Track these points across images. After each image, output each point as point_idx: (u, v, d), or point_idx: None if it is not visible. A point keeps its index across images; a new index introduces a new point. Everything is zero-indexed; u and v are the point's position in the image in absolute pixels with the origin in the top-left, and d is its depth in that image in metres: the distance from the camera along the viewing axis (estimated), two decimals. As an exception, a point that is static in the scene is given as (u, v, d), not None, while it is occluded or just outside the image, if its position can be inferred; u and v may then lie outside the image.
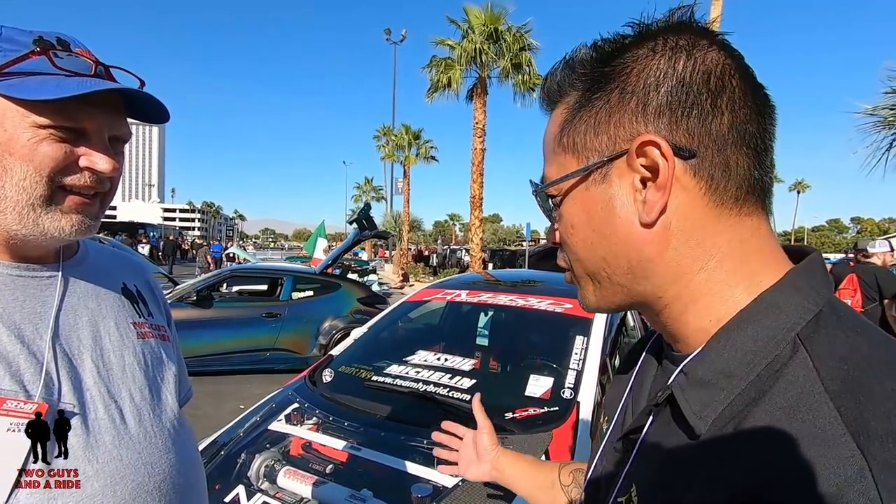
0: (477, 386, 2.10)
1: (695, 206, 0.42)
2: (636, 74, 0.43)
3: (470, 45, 14.21)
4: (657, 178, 0.42)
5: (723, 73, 0.42)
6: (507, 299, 2.68)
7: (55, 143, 0.62)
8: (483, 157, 15.15)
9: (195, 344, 5.73)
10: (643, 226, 0.43)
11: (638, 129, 0.43)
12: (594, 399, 1.90)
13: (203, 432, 2.43)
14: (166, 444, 0.74)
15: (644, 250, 0.44)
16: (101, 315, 0.73)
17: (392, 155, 26.23)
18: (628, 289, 0.46)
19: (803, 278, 0.42)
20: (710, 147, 0.42)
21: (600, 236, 0.45)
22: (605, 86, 0.44)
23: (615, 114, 0.44)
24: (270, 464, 1.66)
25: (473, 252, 15.65)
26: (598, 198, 0.45)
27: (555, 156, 0.49)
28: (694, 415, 0.41)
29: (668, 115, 0.42)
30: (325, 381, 2.32)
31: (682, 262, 0.43)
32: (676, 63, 0.42)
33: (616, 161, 0.44)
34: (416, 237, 36.28)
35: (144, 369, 0.75)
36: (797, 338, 0.39)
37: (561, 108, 0.49)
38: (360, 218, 7.21)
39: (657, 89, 0.42)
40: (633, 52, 0.44)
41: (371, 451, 1.70)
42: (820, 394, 0.35)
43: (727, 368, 0.40)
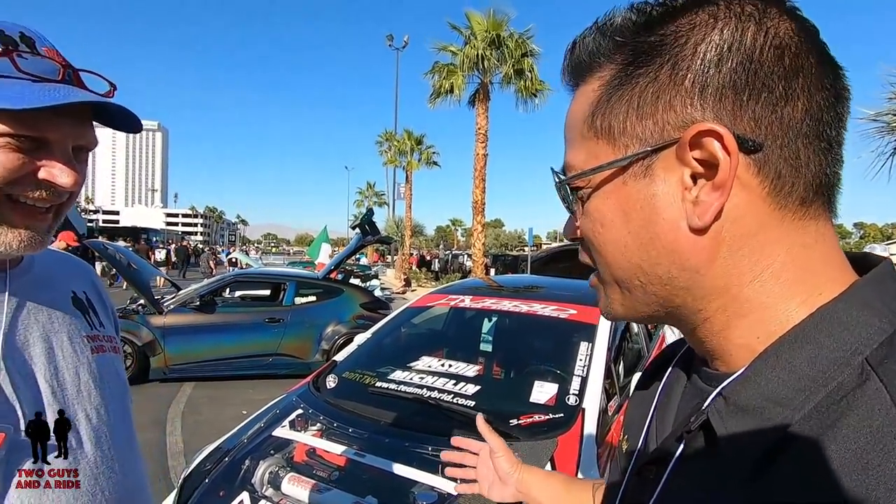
0: (481, 392, 2.09)
1: (755, 208, 0.36)
2: (692, 46, 0.36)
3: (472, 51, 14.29)
4: (715, 176, 0.35)
5: (798, 49, 0.35)
6: (511, 305, 2.67)
7: (11, 153, 0.56)
8: (485, 162, 15.18)
9: (198, 349, 5.74)
10: (692, 231, 0.36)
11: (693, 115, 0.35)
12: (599, 405, 1.89)
13: (205, 438, 2.43)
14: (123, 468, 0.70)
15: (690, 259, 0.37)
16: (52, 329, 0.67)
17: (394, 160, 26.30)
18: (664, 300, 0.40)
19: (873, 291, 0.35)
20: (779, 139, 0.35)
21: (637, 240, 0.38)
22: (652, 59, 0.37)
23: (664, 94, 0.36)
24: (275, 470, 1.66)
25: (475, 257, 15.65)
26: (638, 195, 0.38)
27: (584, 141, 0.41)
28: (735, 447, 0.35)
29: (732, 99, 0.35)
30: (329, 387, 2.31)
31: (731, 272, 0.37)
32: (744, 34, 0.35)
33: (663, 152, 0.37)
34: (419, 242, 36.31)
35: (100, 387, 0.70)
36: (865, 362, 0.32)
37: (592, 83, 0.41)
38: (364, 223, 7.22)
39: (719, 66, 0.35)
40: (689, 18, 0.36)
41: (375, 457, 1.69)
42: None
43: (777, 395, 0.34)
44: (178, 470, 3.56)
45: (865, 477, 0.28)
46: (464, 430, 1.84)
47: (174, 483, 3.32)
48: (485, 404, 1.99)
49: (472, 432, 1.81)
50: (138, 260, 6.05)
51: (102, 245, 5.66)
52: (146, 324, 5.63)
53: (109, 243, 5.83)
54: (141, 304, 5.81)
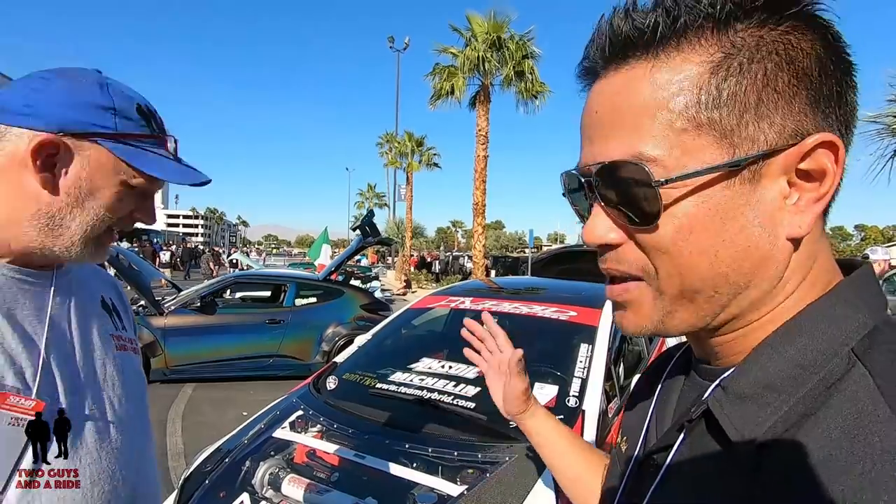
0: (482, 394, 2.09)
1: (819, 219, 0.37)
2: (803, 55, 0.34)
3: (473, 53, 14.31)
4: (821, 186, 0.35)
5: (848, 61, 0.36)
6: (511, 307, 2.67)
7: (132, 197, 0.71)
8: (486, 163, 15.19)
9: (198, 350, 5.74)
10: (789, 240, 0.36)
11: (805, 125, 0.35)
12: (599, 407, 1.89)
13: (206, 439, 2.43)
14: (139, 456, 0.77)
15: (779, 268, 0.37)
16: (85, 324, 0.75)
17: (395, 162, 26.34)
18: (723, 310, 0.38)
19: (856, 290, 0.38)
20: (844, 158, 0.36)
21: (731, 248, 0.36)
22: (765, 55, 0.34)
23: (782, 98, 0.34)
24: (275, 471, 1.66)
25: (476, 259, 15.66)
26: (741, 200, 0.36)
27: (673, 132, 0.36)
28: (736, 431, 0.36)
29: (835, 115, 0.35)
30: (329, 389, 2.32)
31: (791, 280, 0.38)
32: (833, 55, 0.35)
33: (774, 157, 0.35)
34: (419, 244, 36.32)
35: (122, 381, 0.78)
36: (852, 352, 0.34)
37: (684, 59, 0.36)
38: (364, 225, 7.23)
39: (822, 81, 0.34)
40: (792, 23, 0.34)
41: (375, 458, 1.69)
42: (885, 414, 0.30)
43: (773, 382, 0.36)
44: (178, 471, 3.56)
45: (852, 450, 0.30)
46: (465, 431, 1.84)
47: (174, 484, 3.32)
48: (485, 406, 1.99)
49: (472, 434, 1.81)
50: (139, 261, 6.06)
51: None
52: (147, 325, 5.63)
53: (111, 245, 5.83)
54: (142, 305, 5.81)
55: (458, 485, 1.54)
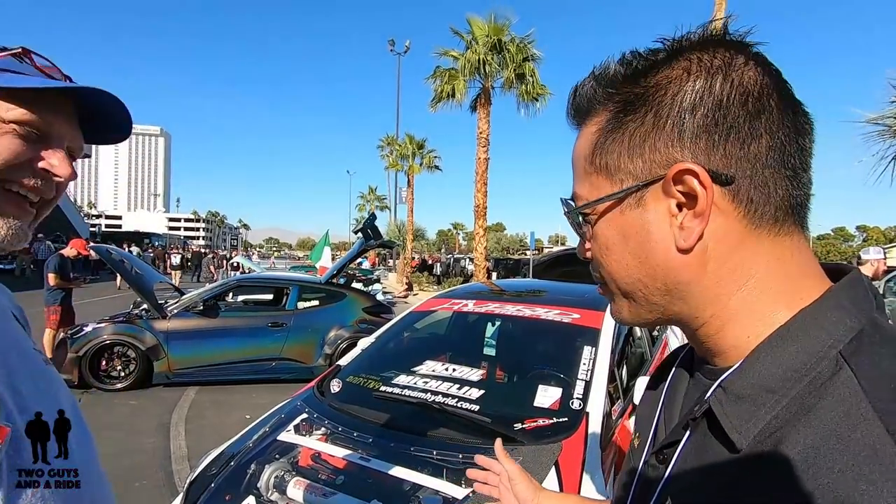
0: (485, 396, 2.10)
1: (732, 229, 0.42)
2: (671, 96, 0.42)
3: (473, 56, 14.34)
4: (696, 206, 0.41)
5: (761, 93, 0.41)
6: (514, 309, 2.68)
7: (15, 139, 0.59)
8: (487, 166, 15.21)
9: (201, 353, 5.75)
10: (680, 251, 0.42)
11: (674, 155, 0.42)
12: (603, 409, 1.89)
13: (209, 442, 2.43)
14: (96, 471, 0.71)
15: (681, 274, 0.43)
16: (15, 339, 0.68)
17: (396, 164, 26.36)
18: (664, 308, 0.46)
19: (845, 295, 0.41)
20: (748, 171, 0.41)
21: (636, 259, 0.45)
22: (639, 107, 0.43)
23: (650, 137, 0.43)
24: (280, 474, 1.66)
25: (477, 261, 15.66)
26: (634, 222, 0.44)
27: (587, 175, 0.48)
28: (734, 430, 0.40)
29: (706, 140, 0.41)
30: (333, 392, 2.32)
31: (719, 283, 0.43)
32: (713, 85, 0.41)
33: (651, 186, 0.43)
34: (420, 246, 36.31)
35: (56, 395, 0.70)
36: (840, 355, 0.38)
37: (591, 126, 0.48)
38: (366, 227, 7.24)
39: (693, 113, 0.41)
40: (667, 71, 0.43)
41: (380, 461, 1.69)
42: (868, 413, 0.34)
43: (767, 384, 0.40)
44: (182, 475, 3.56)
45: (838, 447, 0.34)
46: (469, 433, 1.85)
47: (178, 488, 3.32)
48: (489, 408, 2.00)
49: (477, 436, 1.81)
50: (142, 265, 6.08)
51: (107, 250, 5.69)
52: (150, 328, 5.65)
53: (114, 248, 5.85)
54: (144, 309, 5.83)
55: (463, 487, 1.54)
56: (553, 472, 1.58)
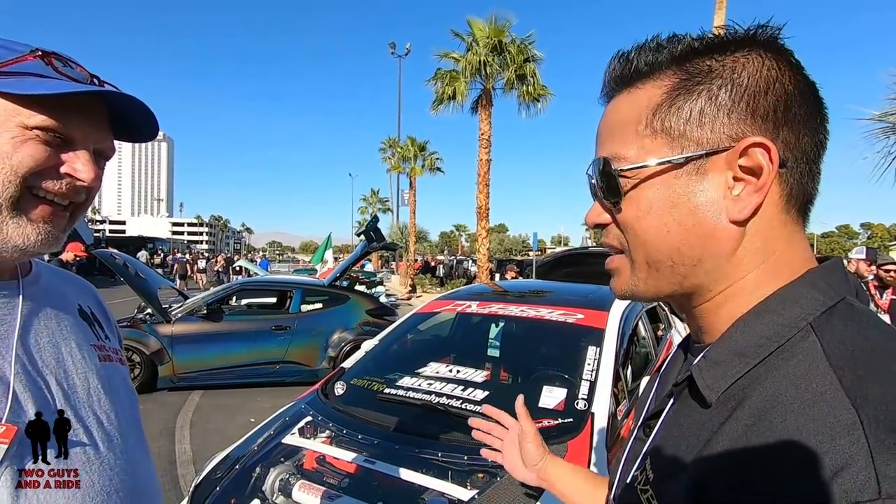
0: (490, 397, 2.09)
1: (772, 211, 0.45)
2: (747, 76, 0.44)
3: (474, 58, 14.34)
4: (758, 180, 0.43)
5: (813, 93, 0.45)
6: (518, 310, 2.67)
7: (39, 145, 0.60)
8: (489, 167, 15.20)
9: (205, 357, 5.76)
10: (732, 222, 0.44)
11: (744, 130, 0.43)
12: (609, 410, 1.89)
13: (214, 446, 2.44)
14: (135, 471, 0.71)
15: (723, 246, 0.45)
16: (62, 336, 0.69)
17: (398, 167, 26.38)
18: (685, 279, 0.47)
19: (821, 276, 0.45)
20: (796, 159, 0.44)
21: (680, 226, 0.45)
22: (713, 80, 0.45)
23: (722, 110, 0.44)
24: (285, 477, 1.66)
25: (480, 262, 15.64)
26: (688, 189, 0.45)
27: (638, 137, 0.47)
28: (707, 387, 0.44)
29: (773, 122, 0.43)
30: (337, 394, 2.32)
31: (744, 260, 0.45)
32: (783, 75, 0.44)
33: (715, 156, 0.44)
34: (423, 248, 36.30)
35: (110, 393, 0.72)
36: (810, 325, 0.41)
37: (651, 87, 0.48)
38: (369, 230, 7.25)
39: (766, 95, 0.43)
40: (743, 53, 0.45)
41: (385, 464, 1.69)
42: (824, 366, 0.38)
43: (741, 349, 0.43)
44: (187, 478, 3.57)
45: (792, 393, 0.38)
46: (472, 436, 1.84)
47: (184, 492, 3.33)
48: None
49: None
50: (146, 269, 6.09)
51: (110, 254, 5.71)
52: (154, 332, 5.66)
53: (118, 252, 5.87)
54: (149, 313, 5.84)
55: (469, 489, 1.54)
56: (558, 474, 1.58)
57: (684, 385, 0.48)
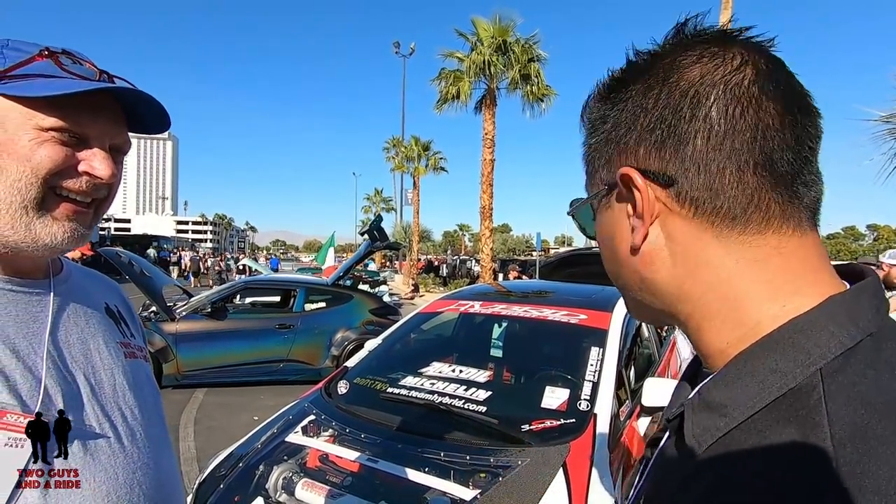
0: (493, 398, 2.10)
1: (685, 228, 0.42)
2: (624, 111, 0.46)
3: (478, 57, 14.32)
4: (638, 206, 0.44)
5: (698, 94, 0.41)
6: (521, 310, 2.67)
7: (56, 146, 0.61)
8: (492, 167, 15.18)
9: (210, 355, 5.78)
10: (632, 250, 0.45)
11: (622, 162, 0.45)
12: (611, 411, 1.89)
13: (218, 444, 2.45)
14: (159, 465, 0.73)
15: (641, 272, 0.46)
16: (90, 333, 0.71)
17: (401, 166, 26.40)
18: (646, 304, 0.48)
19: (843, 306, 0.38)
20: (689, 171, 0.41)
21: (612, 255, 0.49)
22: (605, 122, 0.48)
23: (608, 150, 0.47)
24: (288, 476, 1.67)
25: (484, 262, 15.63)
26: (607, 221, 0.49)
27: (587, 175, 0.53)
28: (693, 437, 0.40)
29: (644, 147, 0.44)
30: (340, 393, 2.33)
31: (684, 282, 0.43)
32: (648, 98, 0.44)
33: (614, 191, 0.47)
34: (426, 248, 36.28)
35: (134, 389, 0.74)
36: (820, 373, 0.35)
37: None
38: (372, 229, 7.26)
39: (635, 124, 0.45)
40: (627, 88, 0.46)
41: (388, 463, 1.70)
42: (824, 439, 0.33)
43: (737, 396, 0.38)
44: (191, 476, 3.58)
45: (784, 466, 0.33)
46: (476, 435, 1.85)
47: (188, 489, 3.34)
48: (496, 410, 2.00)
49: (484, 438, 1.81)
50: (151, 267, 6.12)
51: (116, 252, 5.74)
52: (159, 330, 5.69)
53: (122, 251, 5.90)
54: (153, 311, 5.87)
55: (471, 489, 1.54)
56: (561, 474, 1.58)
57: (677, 421, 0.44)
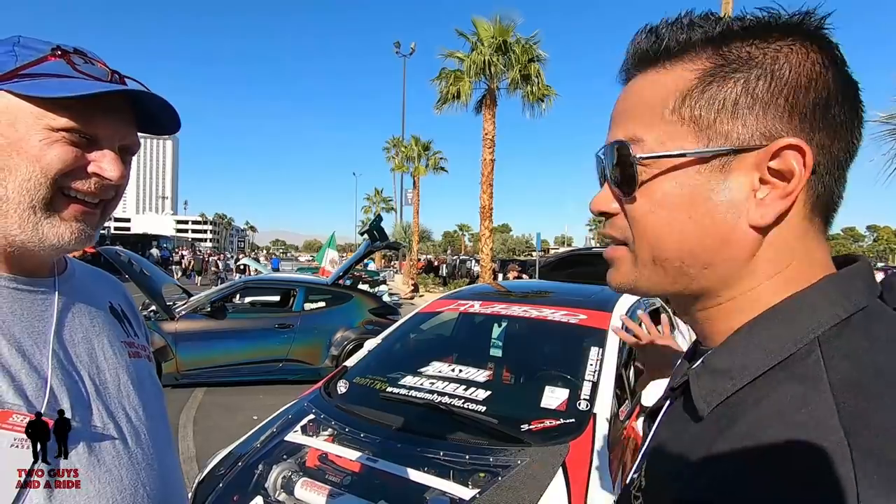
0: (492, 397, 2.10)
1: (795, 218, 0.41)
2: (789, 69, 0.39)
3: (479, 57, 14.32)
4: (787, 185, 0.39)
5: (854, 95, 0.41)
6: (521, 310, 2.67)
7: (66, 146, 0.61)
8: (492, 167, 15.18)
9: (209, 355, 5.78)
10: (752, 227, 0.40)
11: (778, 128, 0.39)
12: (611, 410, 1.89)
13: (217, 443, 2.45)
14: (163, 465, 0.73)
15: (740, 252, 0.41)
16: (95, 332, 0.72)
17: (402, 166, 26.41)
18: (693, 281, 0.44)
19: (837, 284, 0.41)
20: (828, 165, 0.40)
21: (697, 226, 0.41)
22: (751, 67, 0.40)
23: (758, 104, 0.40)
24: (288, 475, 1.67)
25: (484, 262, 15.63)
26: (710, 186, 0.41)
27: (662, 122, 0.43)
28: (701, 398, 0.41)
29: (810, 123, 0.39)
30: (340, 393, 2.33)
31: (759, 268, 0.42)
32: (826, 71, 0.40)
33: (744, 154, 0.40)
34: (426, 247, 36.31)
35: (138, 389, 0.74)
36: (816, 340, 0.38)
37: (681, 69, 0.43)
38: (372, 229, 7.26)
39: (807, 92, 0.39)
40: (786, 42, 0.40)
41: (387, 462, 1.70)
42: (825, 393, 0.35)
43: (742, 361, 0.40)
44: (190, 475, 3.58)
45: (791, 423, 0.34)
46: (476, 435, 1.85)
47: (187, 488, 3.34)
48: (495, 409, 2.00)
49: (483, 437, 1.81)
50: (151, 266, 6.12)
51: (115, 251, 5.74)
52: (158, 330, 5.69)
53: (122, 250, 5.90)
54: (153, 311, 5.87)
55: (470, 488, 1.54)
56: (560, 474, 1.58)
57: (681, 390, 0.45)
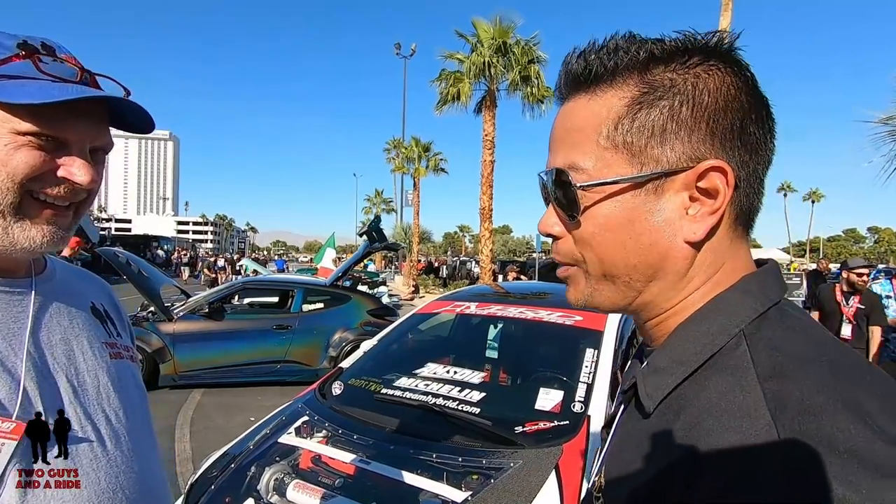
0: (487, 399, 2.09)
1: (723, 229, 0.45)
2: (707, 94, 0.43)
3: (479, 59, 14.33)
4: (714, 202, 0.43)
5: (766, 111, 0.45)
6: (517, 312, 2.67)
7: (33, 151, 0.59)
8: (492, 168, 15.18)
9: (207, 356, 5.78)
10: (687, 243, 0.44)
11: (702, 151, 0.43)
12: (605, 412, 1.88)
13: (214, 444, 2.44)
14: (143, 469, 0.71)
15: (678, 263, 0.45)
16: (73, 333, 0.70)
17: (402, 167, 26.40)
18: (640, 294, 0.48)
19: (754, 283, 0.46)
20: (748, 179, 0.44)
21: (637, 244, 0.45)
22: (674, 94, 0.43)
23: (683, 129, 0.43)
24: (280, 477, 1.66)
25: (483, 263, 15.63)
26: (646, 207, 0.44)
27: (599, 149, 0.45)
28: (646, 396, 0.45)
29: (730, 143, 0.43)
30: (334, 394, 2.32)
31: (696, 275, 0.46)
32: (740, 93, 0.43)
33: (674, 176, 0.44)
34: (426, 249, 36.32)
35: (119, 390, 0.72)
36: (742, 333, 0.42)
37: (611, 96, 0.45)
38: (371, 230, 7.26)
39: (725, 114, 0.43)
40: (703, 66, 0.43)
41: (380, 464, 1.69)
42: (751, 379, 0.39)
43: (680, 357, 0.44)
44: (186, 476, 3.57)
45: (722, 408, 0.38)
46: (469, 437, 1.84)
47: (182, 489, 3.33)
48: (490, 411, 1.99)
49: (477, 439, 1.80)
50: (148, 267, 6.11)
51: (114, 252, 5.73)
52: (156, 331, 5.69)
53: (121, 250, 5.90)
54: (151, 312, 5.87)
55: (463, 491, 1.54)
56: (553, 476, 1.57)
57: (631, 392, 0.48)
